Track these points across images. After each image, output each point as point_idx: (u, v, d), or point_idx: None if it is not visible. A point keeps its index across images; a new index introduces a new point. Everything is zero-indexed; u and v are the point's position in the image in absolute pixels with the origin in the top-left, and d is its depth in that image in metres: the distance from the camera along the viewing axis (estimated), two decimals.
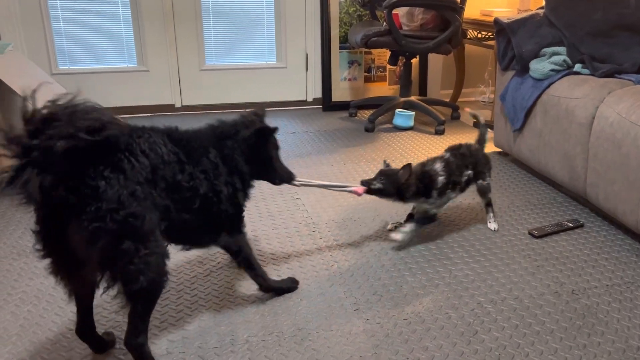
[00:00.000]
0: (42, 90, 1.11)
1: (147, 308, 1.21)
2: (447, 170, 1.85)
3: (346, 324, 1.45)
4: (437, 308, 1.52)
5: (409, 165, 1.78)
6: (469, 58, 3.73)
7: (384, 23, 3.10)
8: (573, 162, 2.10)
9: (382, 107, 3.26)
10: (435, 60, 3.76)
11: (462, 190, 1.94)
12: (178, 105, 3.51)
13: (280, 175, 1.57)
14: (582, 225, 2.00)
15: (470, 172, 1.92)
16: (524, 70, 2.45)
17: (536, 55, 2.41)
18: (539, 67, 2.34)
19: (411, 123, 3.23)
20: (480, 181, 1.97)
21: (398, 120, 3.24)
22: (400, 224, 1.93)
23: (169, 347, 1.36)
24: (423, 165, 1.88)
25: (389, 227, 1.98)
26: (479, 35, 3.43)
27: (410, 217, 1.95)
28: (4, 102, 2.46)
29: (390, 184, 1.77)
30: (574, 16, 2.39)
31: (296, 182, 1.63)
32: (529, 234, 1.94)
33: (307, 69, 3.64)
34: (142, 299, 1.18)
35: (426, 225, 2.01)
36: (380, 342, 1.38)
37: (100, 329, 1.36)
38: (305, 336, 1.40)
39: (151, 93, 3.45)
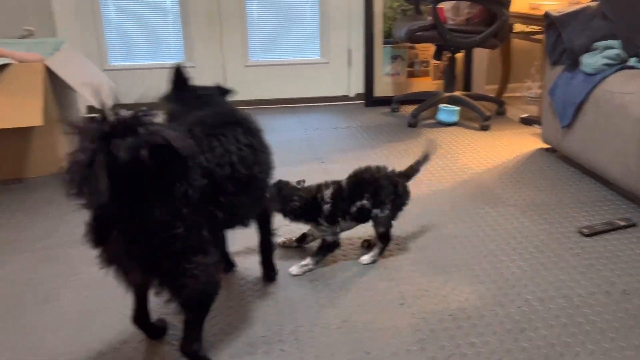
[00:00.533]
0: (96, 85, 1.12)
1: (198, 317, 1.21)
2: (334, 199, 1.66)
3: (391, 317, 1.46)
4: (484, 305, 1.51)
5: (286, 183, 1.67)
6: (515, 52, 3.66)
7: (429, 17, 3.07)
8: (626, 159, 2.04)
9: (425, 102, 3.23)
10: (481, 55, 3.70)
11: (361, 219, 1.71)
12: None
13: None
14: (634, 225, 1.94)
15: (364, 202, 1.68)
16: (574, 64, 2.38)
17: (588, 49, 2.35)
18: (591, 61, 2.28)
19: (455, 118, 3.20)
20: (376, 210, 1.69)
21: (442, 116, 3.21)
22: (295, 245, 1.82)
23: (217, 335, 1.40)
24: (317, 188, 1.69)
25: (281, 240, 1.83)
26: (527, 29, 3.36)
27: (302, 238, 1.82)
28: (60, 96, 2.57)
29: (280, 200, 1.65)
30: (629, 8, 2.31)
31: None
32: (579, 232, 1.90)
33: (349, 64, 3.65)
34: (192, 309, 1.18)
35: (334, 254, 1.77)
36: (426, 337, 1.38)
37: (155, 314, 1.41)
38: (350, 328, 1.42)
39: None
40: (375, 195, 1.68)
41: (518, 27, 3.42)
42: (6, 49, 2.39)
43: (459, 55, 3.43)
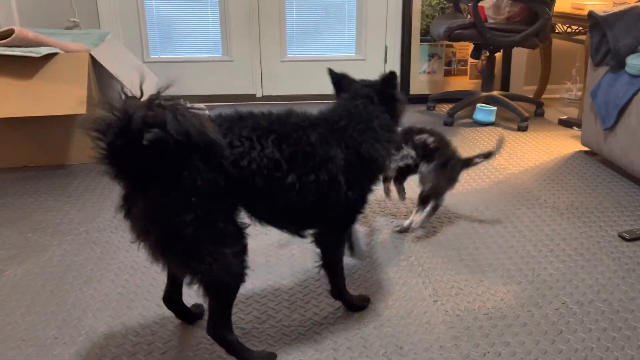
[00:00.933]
0: (136, 76, 1.16)
1: (223, 303, 1.21)
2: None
3: (425, 314, 1.46)
4: (520, 305, 1.50)
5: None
6: (555, 53, 3.58)
7: (468, 16, 3.03)
8: None
9: (462, 101, 3.20)
10: (520, 55, 3.64)
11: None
12: (259, 95, 3.62)
13: None
14: None
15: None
16: (619, 66, 2.33)
17: (634, 50, 2.29)
18: (637, 62, 2.22)
19: (492, 118, 3.15)
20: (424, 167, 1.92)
21: (479, 115, 3.17)
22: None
23: (256, 341, 1.42)
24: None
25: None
26: (569, 30, 3.29)
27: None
28: (103, 85, 2.64)
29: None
30: None
31: None
32: (619, 236, 1.86)
33: (385, 61, 3.63)
34: (215, 296, 1.19)
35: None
36: (460, 334, 1.38)
37: (189, 301, 1.44)
38: (384, 322, 1.42)
39: (234, 82, 3.57)
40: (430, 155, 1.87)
41: (559, 27, 3.35)
42: (53, 39, 2.47)
43: (498, 55, 3.39)
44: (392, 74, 1.44)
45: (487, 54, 3.22)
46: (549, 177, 2.39)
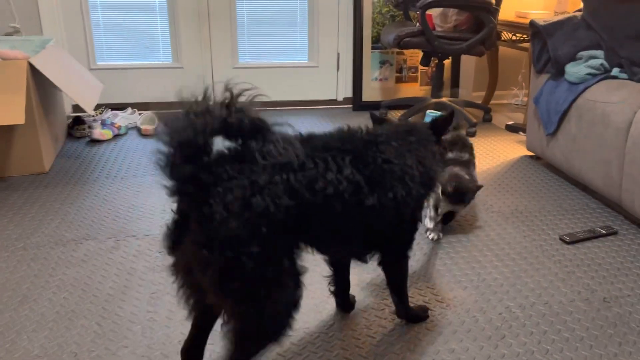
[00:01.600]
0: (81, 84, 1.10)
1: (248, 354, 1.05)
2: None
3: (372, 324, 1.46)
4: (465, 311, 1.52)
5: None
6: (502, 60, 3.69)
7: (417, 24, 3.09)
8: (608, 167, 2.06)
9: (413, 107, 3.25)
10: (468, 62, 3.73)
11: None
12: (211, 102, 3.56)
13: None
14: (615, 233, 1.96)
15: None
16: (559, 73, 2.41)
17: (572, 58, 2.37)
18: (575, 70, 2.30)
19: None
20: None
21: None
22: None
23: None
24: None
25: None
26: (513, 37, 3.39)
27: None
28: (44, 95, 2.55)
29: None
30: (613, 19, 2.34)
31: None
32: (560, 239, 1.92)
33: (338, 68, 3.65)
34: (247, 346, 1.04)
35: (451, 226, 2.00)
36: (407, 343, 1.38)
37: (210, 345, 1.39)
38: (331, 336, 1.41)
39: (185, 89, 3.51)
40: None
41: (505, 35, 3.45)
42: None
43: (447, 62, 3.45)
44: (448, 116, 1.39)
45: (437, 61, 3.28)
46: (496, 182, 2.45)
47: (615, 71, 2.24)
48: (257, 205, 0.94)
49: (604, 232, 1.95)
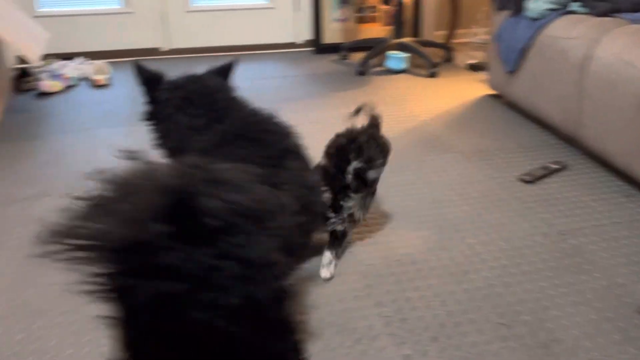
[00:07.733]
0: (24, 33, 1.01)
1: None
2: None
3: (339, 266, 1.47)
4: (428, 250, 1.55)
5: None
6: None
7: None
8: (566, 103, 2.09)
9: (373, 49, 3.19)
10: (429, 0, 3.66)
11: None
12: (164, 48, 3.42)
13: None
14: (565, 167, 2.00)
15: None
16: (519, 10, 2.39)
17: None
18: (535, 5, 2.29)
19: (404, 65, 3.18)
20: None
21: (391, 63, 3.18)
22: None
23: None
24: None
25: None
26: None
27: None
28: None
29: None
30: None
31: None
32: (520, 180, 1.94)
33: (296, 9, 3.53)
34: None
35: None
36: (373, 282, 1.41)
37: None
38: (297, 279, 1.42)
39: (136, 36, 3.35)
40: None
41: None
42: None
43: (407, 1, 3.38)
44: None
45: (397, 0, 3.20)
46: (458, 122, 2.46)
47: (574, 5, 2.23)
48: None
49: (556, 167, 1.99)
